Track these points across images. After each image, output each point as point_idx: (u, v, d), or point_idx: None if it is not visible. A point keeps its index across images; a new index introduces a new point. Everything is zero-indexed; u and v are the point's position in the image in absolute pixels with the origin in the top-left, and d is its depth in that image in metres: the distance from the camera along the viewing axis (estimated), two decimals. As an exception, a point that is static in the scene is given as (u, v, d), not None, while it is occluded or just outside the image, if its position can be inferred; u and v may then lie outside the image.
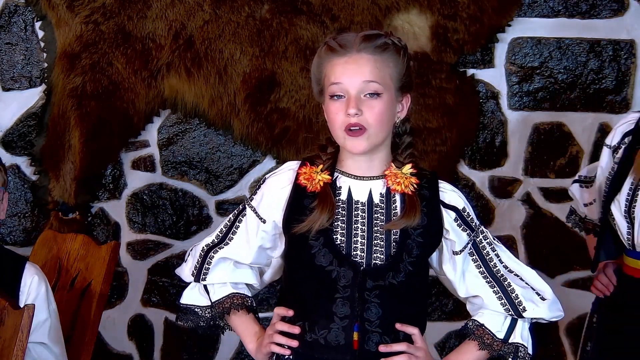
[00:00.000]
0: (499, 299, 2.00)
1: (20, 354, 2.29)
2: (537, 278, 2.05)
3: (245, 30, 3.44)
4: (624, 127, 2.53)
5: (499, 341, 2.00)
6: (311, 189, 1.96)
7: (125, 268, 3.62)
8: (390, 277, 1.92)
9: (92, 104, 3.48)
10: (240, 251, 2.07)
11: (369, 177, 1.99)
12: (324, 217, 1.92)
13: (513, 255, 2.07)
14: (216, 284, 2.10)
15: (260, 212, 2.04)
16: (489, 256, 2.03)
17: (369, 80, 1.91)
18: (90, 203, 3.59)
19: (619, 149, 2.51)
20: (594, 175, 2.65)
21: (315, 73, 2.00)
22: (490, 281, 2.01)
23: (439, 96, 3.44)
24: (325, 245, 1.93)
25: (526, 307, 2.00)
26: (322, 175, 1.97)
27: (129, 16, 3.45)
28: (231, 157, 3.56)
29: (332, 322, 1.92)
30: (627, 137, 2.50)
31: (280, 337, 1.97)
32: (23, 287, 2.49)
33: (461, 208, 2.00)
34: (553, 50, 3.46)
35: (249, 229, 2.06)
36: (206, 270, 2.09)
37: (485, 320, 2.02)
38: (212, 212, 3.60)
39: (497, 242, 2.06)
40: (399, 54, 1.96)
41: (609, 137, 2.57)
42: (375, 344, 1.92)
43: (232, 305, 2.08)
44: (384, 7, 3.40)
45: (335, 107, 1.93)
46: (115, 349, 3.66)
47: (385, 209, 1.96)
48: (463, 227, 2.00)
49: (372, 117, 1.91)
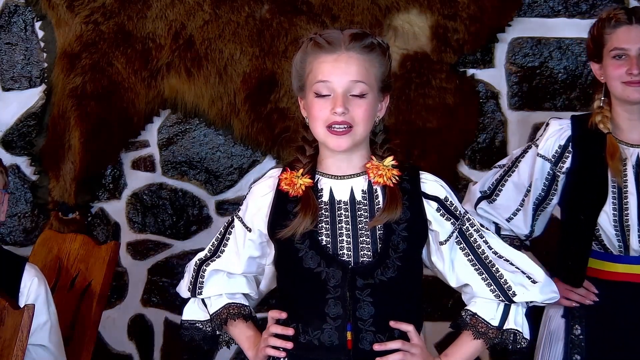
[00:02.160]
0: (488, 286, 1.99)
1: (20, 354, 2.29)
2: (528, 261, 2.03)
3: (245, 30, 3.44)
4: (558, 136, 2.50)
5: (493, 328, 1.98)
6: (293, 194, 1.97)
7: (125, 268, 3.62)
8: (379, 274, 1.92)
9: (92, 104, 3.48)
10: (231, 262, 2.08)
11: (349, 175, 1.99)
12: (307, 220, 1.92)
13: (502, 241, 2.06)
14: (213, 297, 2.11)
15: (246, 221, 2.05)
16: (476, 243, 2.01)
17: (356, 80, 1.92)
18: (90, 203, 3.59)
19: (565, 159, 2.48)
20: (489, 189, 2.58)
21: (297, 68, 1.99)
22: (478, 268, 2.00)
23: (439, 96, 3.44)
24: (311, 248, 1.93)
25: (516, 292, 1.98)
26: (303, 180, 1.97)
27: (129, 16, 3.45)
28: (231, 157, 3.56)
29: (325, 323, 1.92)
30: (569, 146, 2.47)
31: (275, 340, 1.97)
32: (23, 289, 2.49)
33: (443, 197, 1.99)
34: (553, 50, 3.46)
35: (237, 239, 2.07)
36: (201, 285, 2.10)
37: (478, 308, 2.01)
38: (212, 212, 3.60)
39: (485, 229, 2.05)
40: (384, 55, 1.98)
41: (542, 148, 2.51)
42: (369, 343, 1.92)
43: (229, 315, 2.08)
44: (384, 7, 3.40)
45: (319, 104, 1.93)
46: (115, 349, 3.66)
47: (369, 206, 1.96)
48: (447, 216, 1.98)
49: (358, 116, 1.92)
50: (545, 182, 2.53)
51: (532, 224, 2.58)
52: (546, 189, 2.54)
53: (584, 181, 2.47)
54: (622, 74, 2.42)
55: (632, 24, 2.42)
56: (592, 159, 2.45)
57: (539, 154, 2.52)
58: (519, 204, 2.56)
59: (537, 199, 2.55)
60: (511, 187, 2.57)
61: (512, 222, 2.58)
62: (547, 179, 2.53)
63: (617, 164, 2.43)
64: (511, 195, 2.56)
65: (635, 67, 2.39)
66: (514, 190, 2.56)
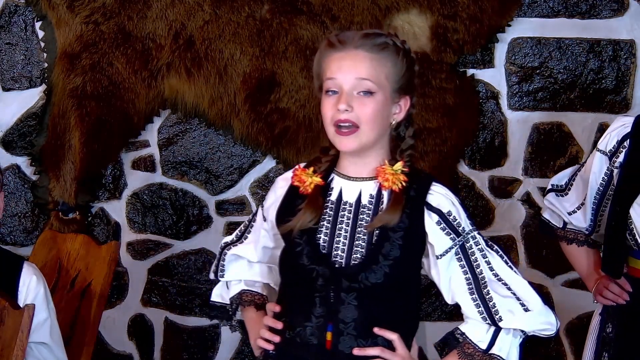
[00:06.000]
0: (476, 307, 1.94)
1: (21, 354, 2.30)
2: (527, 289, 1.96)
3: (245, 30, 3.44)
4: (618, 131, 2.49)
5: (480, 351, 1.94)
6: (302, 191, 1.97)
7: (125, 268, 3.63)
8: (363, 277, 1.89)
9: (92, 104, 3.48)
10: (249, 250, 2.13)
11: (360, 178, 1.97)
12: (307, 217, 1.93)
13: (510, 263, 1.98)
14: (233, 281, 2.17)
15: (264, 211, 2.08)
16: (476, 262, 1.95)
17: (362, 77, 1.90)
18: (90, 203, 3.59)
19: (618, 154, 2.48)
20: (565, 184, 2.61)
21: (315, 68, 1.99)
22: (471, 288, 1.94)
23: (439, 96, 3.44)
24: (308, 244, 1.93)
25: (502, 317, 1.92)
26: (313, 178, 1.97)
27: (129, 16, 3.45)
28: (231, 157, 3.56)
29: (309, 321, 1.92)
30: (626, 141, 2.47)
31: (264, 331, 1.99)
32: (22, 287, 2.49)
33: (446, 212, 1.93)
34: (553, 50, 3.46)
35: (256, 228, 2.12)
36: (222, 268, 2.16)
37: (468, 329, 1.97)
38: (212, 212, 3.60)
39: (490, 249, 1.97)
40: (398, 55, 1.94)
41: (602, 142, 2.52)
42: (349, 346, 1.90)
43: (241, 302, 2.14)
44: (384, 7, 3.40)
45: (327, 102, 1.92)
46: (115, 349, 3.66)
47: (373, 211, 1.94)
48: (447, 231, 1.93)
49: (363, 115, 1.89)
50: (605, 177, 2.52)
51: (592, 219, 2.57)
52: (605, 183, 2.52)
53: (629, 174, 2.45)
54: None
55: None
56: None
57: (599, 148, 2.53)
58: (583, 198, 2.57)
59: (597, 193, 2.54)
60: (579, 182, 2.59)
61: (572, 215, 2.59)
62: (606, 174, 2.52)
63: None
64: (577, 190, 2.58)
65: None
66: (581, 185, 2.58)
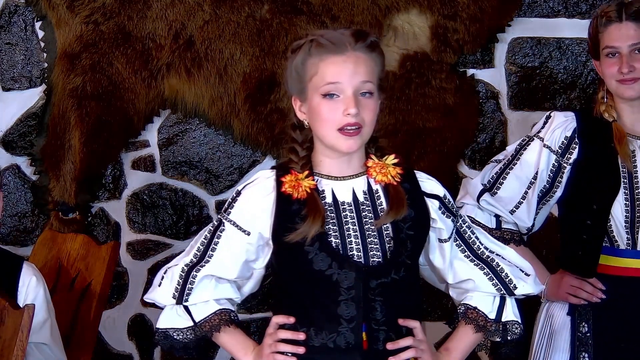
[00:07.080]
0: (490, 280, 2.01)
1: (21, 353, 2.30)
2: (517, 256, 2.07)
3: (245, 30, 3.44)
4: (564, 127, 2.50)
5: (491, 321, 2.02)
6: (297, 196, 1.93)
7: (125, 268, 3.62)
8: (393, 273, 1.92)
9: (92, 104, 3.48)
10: (224, 267, 2.00)
11: (349, 176, 1.98)
12: (317, 223, 1.89)
13: (490, 236, 2.10)
14: (199, 303, 2.02)
15: (243, 225, 1.98)
16: (471, 239, 2.04)
17: (365, 80, 1.91)
18: (90, 203, 3.59)
19: (571, 150, 2.48)
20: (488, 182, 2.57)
21: (298, 70, 1.96)
22: (478, 263, 2.02)
23: (439, 96, 3.44)
24: (322, 250, 1.90)
25: (517, 285, 2.01)
26: (307, 181, 1.94)
27: (129, 16, 3.45)
28: (231, 157, 3.56)
29: (340, 325, 1.90)
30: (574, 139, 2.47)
31: (285, 346, 1.93)
32: (21, 288, 2.50)
33: (442, 195, 2.00)
34: (553, 50, 3.46)
35: (232, 244, 2.00)
36: (189, 291, 2.00)
37: (477, 302, 2.03)
38: (212, 212, 3.60)
39: (476, 226, 2.10)
40: (380, 53, 1.97)
41: (549, 139, 2.50)
42: (382, 342, 1.92)
43: (222, 322, 2.00)
44: (384, 7, 3.40)
45: (329, 106, 1.91)
46: (115, 349, 3.66)
47: (372, 206, 1.96)
48: (447, 214, 2.00)
49: (367, 116, 1.91)
50: (550, 173, 2.53)
51: (534, 216, 2.57)
52: (551, 180, 2.53)
53: (595, 172, 2.46)
54: (614, 72, 2.42)
55: (622, 22, 2.42)
56: (600, 149, 2.46)
57: (545, 145, 2.52)
58: (522, 196, 2.56)
59: (541, 190, 2.54)
60: (513, 180, 2.56)
61: (515, 214, 2.57)
62: (552, 170, 2.52)
63: (626, 149, 2.43)
64: (514, 188, 2.56)
65: (625, 66, 2.39)
66: (517, 182, 2.55)
